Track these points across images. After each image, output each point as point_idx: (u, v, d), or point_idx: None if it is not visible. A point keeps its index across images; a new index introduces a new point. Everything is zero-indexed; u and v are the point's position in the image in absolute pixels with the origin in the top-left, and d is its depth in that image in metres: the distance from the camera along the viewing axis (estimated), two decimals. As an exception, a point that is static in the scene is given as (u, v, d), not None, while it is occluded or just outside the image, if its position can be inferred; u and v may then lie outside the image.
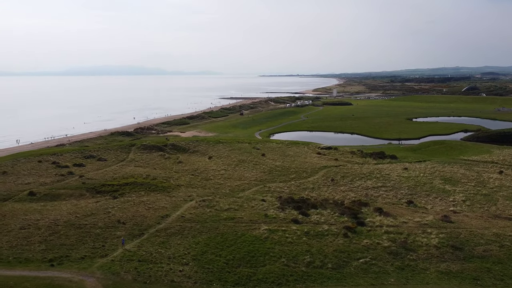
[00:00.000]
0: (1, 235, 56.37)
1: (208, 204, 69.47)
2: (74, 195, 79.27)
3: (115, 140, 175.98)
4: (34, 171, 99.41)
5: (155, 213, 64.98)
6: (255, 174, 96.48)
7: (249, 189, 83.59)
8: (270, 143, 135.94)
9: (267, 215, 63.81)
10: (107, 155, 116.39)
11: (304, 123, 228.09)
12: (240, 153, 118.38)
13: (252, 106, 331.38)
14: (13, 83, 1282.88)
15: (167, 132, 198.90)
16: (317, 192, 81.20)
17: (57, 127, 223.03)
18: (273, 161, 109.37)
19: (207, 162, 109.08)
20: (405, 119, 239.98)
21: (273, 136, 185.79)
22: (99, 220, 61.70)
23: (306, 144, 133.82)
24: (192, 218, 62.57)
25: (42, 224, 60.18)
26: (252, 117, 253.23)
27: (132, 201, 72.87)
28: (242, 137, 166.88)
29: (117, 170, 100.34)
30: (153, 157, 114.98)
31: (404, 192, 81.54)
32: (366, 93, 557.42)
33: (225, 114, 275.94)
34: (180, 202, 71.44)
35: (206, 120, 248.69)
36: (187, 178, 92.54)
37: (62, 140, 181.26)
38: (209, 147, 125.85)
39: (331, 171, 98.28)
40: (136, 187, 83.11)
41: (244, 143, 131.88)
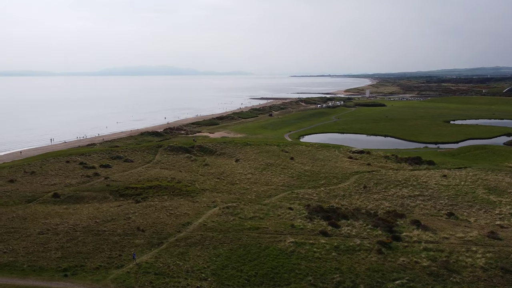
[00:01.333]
0: (19, 240, 54.95)
1: (232, 212, 66.02)
2: (97, 198, 77.84)
3: (145, 140, 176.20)
4: (61, 171, 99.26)
5: (176, 220, 62.10)
6: (283, 179, 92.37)
7: (276, 195, 79.60)
8: (299, 145, 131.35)
9: (294, 226, 59.63)
10: (134, 156, 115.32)
11: (335, 125, 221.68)
12: (268, 156, 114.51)
13: (282, 107, 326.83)
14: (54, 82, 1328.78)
15: (196, 133, 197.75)
16: (348, 200, 76.21)
17: (91, 126, 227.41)
18: (302, 165, 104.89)
19: (233, 165, 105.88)
20: (442, 122, 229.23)
21: (303, 138, 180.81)
22: (119, 226, 59.41)
23: (337, 148, 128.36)
24: (214, 226, 59.26)
25: (61, 229, 58.47)
26: (282, 118, 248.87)
27: (154, 206, 70.45)
28: (271, 138, 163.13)
29: (143, 172, 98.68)
30: (179, 159, 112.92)
31: (444, 202, 75.23)
32: (400, 94, 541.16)
33: (255, 115, 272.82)
34: (203, 209, 68.35)
35: (235, 120, 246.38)
36: (212, 182, 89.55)
37: (94, 140, 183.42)
38: (236, 149, 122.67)
39: (364, 177, 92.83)
40: (159, 190, 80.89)
41: (272, 146, 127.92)
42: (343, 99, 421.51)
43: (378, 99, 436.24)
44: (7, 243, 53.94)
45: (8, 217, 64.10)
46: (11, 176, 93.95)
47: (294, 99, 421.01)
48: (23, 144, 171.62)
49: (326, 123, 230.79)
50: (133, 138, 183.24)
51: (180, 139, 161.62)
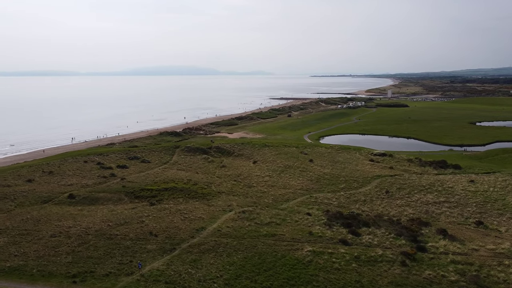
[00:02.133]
0: (31, 242, 54.05)
1: (248, 217, 63.79)
2: (112, 200, 76.84)
3: (163, 140, 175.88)
4: (78, 171, 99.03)
5: (190, 224, 60.26)
6: (301, 182, 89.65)
7: (293, 199, 77.02)
8: (318, 147, 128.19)
9: (312, 233, 56.95)
10: (151, 157, 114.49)
11: (356, 126, 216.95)
12: (286, 158, 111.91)
13: (302, 107, 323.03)
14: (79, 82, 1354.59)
15: (215, 133, 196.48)
16: (370, 206, 72.98)
17: (112, 125, 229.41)
18: (322, 168, 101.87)
19: (251, 167, 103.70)
20: (467, 123, 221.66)
21: (322, 139, 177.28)
22: (131, 230, 57.94)
23: (358, 150, 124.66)
24: (229, 232, 57.14)
25: (73, 232, 57.39)
26: (302, 119, 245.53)
27: (169, 209, 68.89)
28: (290, 139, 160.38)
29: (159, 173, 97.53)
30: (196, 160, 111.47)
31: (472, 210, 71.18)
32: (424, 95, 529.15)
33: (274, 115, 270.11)
34: (219, 213, 66.37)
35: (254, 121, 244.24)
36: (229, 185, 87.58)
37: (114, 139, 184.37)
38: (254, 150, 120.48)
39: (386, 181, 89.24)
40: (175, 193, 79.38)
41: (291, 147, 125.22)
42: (364, 99, 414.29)
43: (400, 99, 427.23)
44: (19, 246, 53.12)
45: (22, 219, 63.57)
46: (29, 175, 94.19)
47: (314, 99, 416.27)
48: (47, 143, 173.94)
49: (346, 124, 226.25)
50: (152, 138, 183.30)
51: (198, 140, 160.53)
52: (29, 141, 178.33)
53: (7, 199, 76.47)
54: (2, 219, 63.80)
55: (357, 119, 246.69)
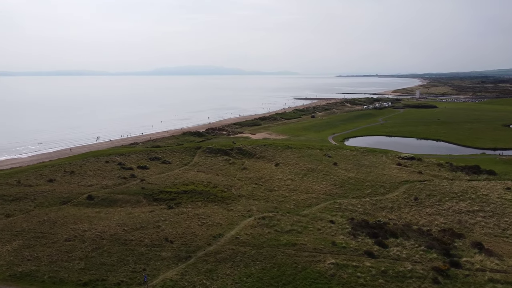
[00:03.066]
0: (45, 246, 52.87)
1: (268, 223, 60.96)
2: (131, 202, 75.48)
3: (186, 140, 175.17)
4: (99, 171, 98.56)
5: (208, 231, 57.92)
6: (325, 186, 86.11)
7: (316, 204, 73.69)
8: (343, 149, 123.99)
9: (335, 243, 53.61)
10: (172, 158, 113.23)
11: (382, 127, 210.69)
12: (309, 160, 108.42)
13: (326, 108, 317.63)
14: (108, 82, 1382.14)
15: (238, 134, 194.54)
16: (397, 214, 68.91)
17: (138, 124, 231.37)
18: (346, 171, 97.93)
19: (273, 169, 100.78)
20: (500, 125, 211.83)
21: (347, 140, 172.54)
22: (147, 235, 56.06)
23: (385, 153, 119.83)
24: (247, 240, 54.46)
25: (88, 236, 55.98)
26: (326, 120, 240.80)
27: (187, 213, 66.84)
28: (314, 141, 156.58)
29: (179, 174, 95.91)
30: (217, 161, 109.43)
31: (509, 220, 66.01)
32: (453, 95, 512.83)
33: (298, 115, 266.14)
34: (237, 218, 63.82)
35: (278, 121, 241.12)
36: (249, 188, 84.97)
37: (138, 138, 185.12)
38: (276, 152, 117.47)
39: (414, 187, 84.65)
40: (194, 196, 77.38)
41: (314, 149, 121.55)
42: (391, 100, 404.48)
43: (428, 100, 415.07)
44: (33, 249, 52.02)
45: (39, 220, 62.77)
46: (51, 175, 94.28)
47: (339, 99, 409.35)
48: (73, 142, 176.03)
49: (372, 125, 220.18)
50: (175, 138, 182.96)
51: (221, 140, 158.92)
52: (56, 140, 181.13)
53: (27, 199, 76.29)
54: (20, 221, 63.23)
55: (383, 120, 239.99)
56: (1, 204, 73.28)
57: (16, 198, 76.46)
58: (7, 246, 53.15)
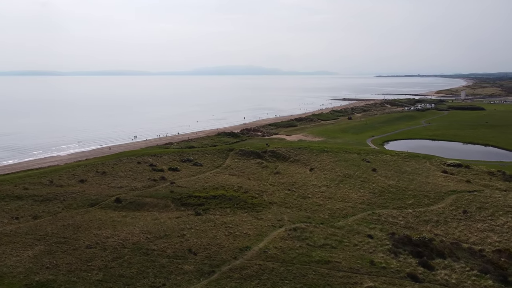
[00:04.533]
0: (66, 253, 50.91)
1: (300, 236, 56.45)
2: (158, 206, 73.11)
3: (220, 141, 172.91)
4: (130, 173, 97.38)
5: (234, 242, 54.15)
6: (362, 195, 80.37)
7: (353, 215, 68.33)
8: (383, 154, 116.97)
9: (374, 262, 48.36)
10: (204, 160, 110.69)
11: (425, 130, 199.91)
12: (346, 165, 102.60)
13: (365, 109, 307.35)
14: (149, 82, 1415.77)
15: (273, 135, 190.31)
16: (444, 229, 62.42)
17: (175, 124, 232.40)
18: (386, 178, 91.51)
19: (307, 175, 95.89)
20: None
21: (387, 144, 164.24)
22: (170, 245, 53.01)
23: (428, 158, 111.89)
24: (276, 255, 50.20)
25: (110, 243, 53.63)
26: (365, 121, 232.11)
27: (214, 220, 63.45)
28: (352, 143, 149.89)
29: (210, 178, 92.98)
30: (249, 164, 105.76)
31: None
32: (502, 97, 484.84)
33: (335, 117, 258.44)
34: (267, 229, 59.70)
35: (314, 122, 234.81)
36: (281, 194, 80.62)
37: (173, 138, 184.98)
38: (311, 156, 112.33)
39: (463, 198, 77.29)
40: (223, 202, 73.95)
41: (352, 153, 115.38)
42: (434, 101, 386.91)
43: (475, 101, 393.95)
44: (53, 256, 50.17)
45: (64, 224, 61.31)
46: (83, 175, 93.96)
47: (379, 100, 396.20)
48: (112, 141, 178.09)
49: (414, 128, 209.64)
50: (210, 138, 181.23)
51: (255, 142, 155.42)
52: (96, 138, 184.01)
53: (57, 200, 75.64)
54: (45, 223, 62.07)
55: (426, 123, 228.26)
56: (31, 205, 72.92)
57: (46, 199, 75.99)
58: (28, 251, 51.67)
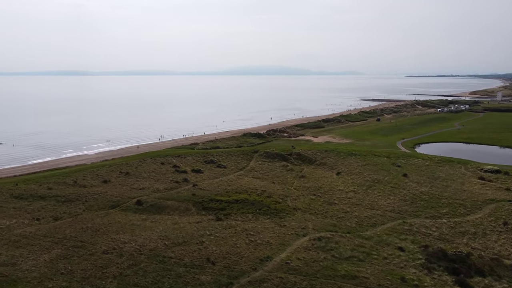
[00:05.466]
0: (81, 258, 49.55)
1: (324, 246, 53.17)
2: (179, 209, 71.35)
3: (246, 141, 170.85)
4: (153, 174, 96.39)
5: (255, 251, 51.44)
6: (392, 202, 76.07)
7: (382, 224, 64.41)
8: (414, 158, 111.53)
9: (405, 279, 44.59)
10: (227, 162, 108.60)
11: (459, 133, 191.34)
12: (375, 170, 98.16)
13: (395, 110, 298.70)
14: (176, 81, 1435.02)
15: (299, 136, 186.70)
16: (482, 242, 57.69)
17: (201, 124, 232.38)
18: (418, 185, 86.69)
19: (334, 179, 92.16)
20: None
21: (418, 147, 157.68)
22: (188, 253, 50.84)
23: (463, 164, 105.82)
24: (299, 267, 47.15)
25: (127, 249, 51.97)
26: (395, 123, 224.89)
27: (235, 227, 60.98)
28: (381, 146, 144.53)
29: (233, 180, 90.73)
30: (274, 167, 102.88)
31: None
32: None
33: (364, 118, 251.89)
34: (290, 237, 56.70)
35: (342, 124, 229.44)
36: (306, 200, 77.38)
37: (199, 138, 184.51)
38: (338, 159, 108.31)
39: (503, 208, 71.82)
40: (245, 206, 71.41)
41: (381, 157, 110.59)
42: (468, 102, 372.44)
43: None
44: (69, 261, 48.90)
45: (83, 227, 60.27)
46: (107, 176, 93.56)
47: (409, 101, 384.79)
48: (139, 140, 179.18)
49: (447, 130, 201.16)
50: (235, 139, 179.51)
51: (281, 143, 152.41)
52: (123, 138, 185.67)
53: (79, 201, 75.16)
54: (65, 226, 61.24)
55: (460, 125, 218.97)
56: (54, 205, 72.63)
57: (69, 200, 75.62)
58: (45, 255, 50.66)
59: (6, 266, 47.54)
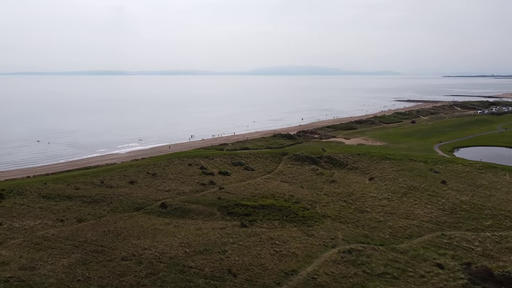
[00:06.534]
0: (100, 265, 47.93)
1: (355, 260, 49.32)
2: (204, 214, 69.18)
3: (276, 143, 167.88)
4: (180, 175, 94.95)
5: (280, 263, 48.26)
6: (430, 211, 70.93)
7: (418, 236, 59.74)
8: (453, 164, 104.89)
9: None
10: (255, 164, 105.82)
11: (501, 137, 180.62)
12: (411, 176, 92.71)
13: (432, 111, 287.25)
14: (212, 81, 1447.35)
15: (330, 138, 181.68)
16: (533, 261, 52.09)
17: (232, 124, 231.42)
18: (458, 193, 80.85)
19: (366, 184, 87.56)
20: None
21: (457, 151, 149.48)
22: (209, 263, 48.28)
23: (508, 171, 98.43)
24: (327, 283, 43.64)
25: (147, 256, 49.99)
26: (432, 125, 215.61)
27: (260, 235, 58.02)
28: (417, 149, 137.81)
29: (260, 184, 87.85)
30: (304, 171, 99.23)
31: None
32: None
33: (399, 119, 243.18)
34: (318, 248, 53.16)
35: (375, 125, 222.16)
36: (336, 206, 73.44)
37: (229, 139, 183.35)
38: (371, 163, 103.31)
39: (554, 222, 65.40)
40: (272, 212, 68.39)
41: (418, 162, 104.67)
42: (511, 104, 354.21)
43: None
44: (87, 267, 47.38)
45: (104, 230, 58.95)
46: (134, 176, 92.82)
47: (447, 102, 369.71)
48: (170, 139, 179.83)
49: (488, 133, 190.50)
50: (265, 140, 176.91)
51: (311, 144, 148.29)
52: (154, 137, 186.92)
53: (104, 202, 74.36)
54: (87, 228, 60.17)
55: (502, 128, 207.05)
56: (79, 206, 72.12)
57: (94, 201, 74.97)
58: (64, 259, 49.42)
59: (25, 270, 46.57)
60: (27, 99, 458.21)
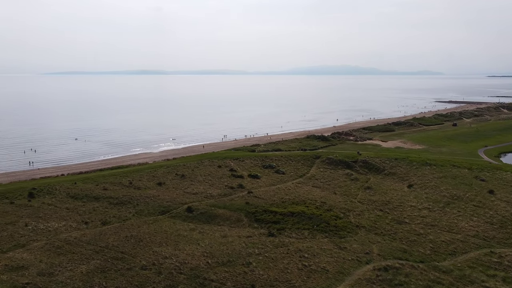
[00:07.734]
0: (118, 273, 45.80)
1: (392, 279, 44.68)
2: (230, 220, 66.27)
3: (309, 144, 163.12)
4: (209, 177, 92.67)
5: (308, 280, 44.36)
6: (476, 224, 64.73)
7: (463, 252, 54.14)
8: (502, 171, 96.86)
9: (497, 336, 35.20)
10: (286, 167, 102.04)
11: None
12: (454, 184, 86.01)
13: (476, 113, 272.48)
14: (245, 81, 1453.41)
15: (366, 140, 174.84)
16: None
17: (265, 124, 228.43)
18: (508, 204, 73.77)
19: (404, 192, 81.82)
20: None
21: (504, 156, 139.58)
22: (231, 276, 45.10)
23: None
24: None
25: (167, 266, 47.43)
26: (476, 127, 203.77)
27: (288, 246, 54.30)
28: (460, 154, 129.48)
29: (291, 189, 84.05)
30: (337, 175, 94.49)
31: None
32: None
33: (440, 121, 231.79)
34: (350, 264, 48.84)
35: (415, 127, 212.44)
36: (372, 216, 68.55)
37: (261, 139, 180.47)
38: (411, 169, 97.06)
39: None
40: (302, 221, 64.51)
41: (461, 168, 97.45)
42: None
43: None
44: (105, 275, 45.37)
45: (127, 235, 57.08)
46: (162, 177, 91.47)
47: (493, 104, 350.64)
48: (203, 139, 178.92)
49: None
50: (298, 141, 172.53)
51: (346, 147, 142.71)
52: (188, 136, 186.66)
53: (130, 204, 73.03)
54: (110, 232, 58.56)
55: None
56: (105, 207, 71.10)
57: (120, 202, 73.79)
58: (83, 265, 47.71)
59: (43, 275, 45.15)
60: (70, 98, 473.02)
